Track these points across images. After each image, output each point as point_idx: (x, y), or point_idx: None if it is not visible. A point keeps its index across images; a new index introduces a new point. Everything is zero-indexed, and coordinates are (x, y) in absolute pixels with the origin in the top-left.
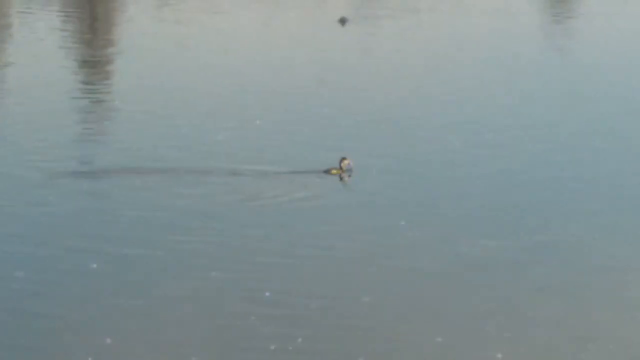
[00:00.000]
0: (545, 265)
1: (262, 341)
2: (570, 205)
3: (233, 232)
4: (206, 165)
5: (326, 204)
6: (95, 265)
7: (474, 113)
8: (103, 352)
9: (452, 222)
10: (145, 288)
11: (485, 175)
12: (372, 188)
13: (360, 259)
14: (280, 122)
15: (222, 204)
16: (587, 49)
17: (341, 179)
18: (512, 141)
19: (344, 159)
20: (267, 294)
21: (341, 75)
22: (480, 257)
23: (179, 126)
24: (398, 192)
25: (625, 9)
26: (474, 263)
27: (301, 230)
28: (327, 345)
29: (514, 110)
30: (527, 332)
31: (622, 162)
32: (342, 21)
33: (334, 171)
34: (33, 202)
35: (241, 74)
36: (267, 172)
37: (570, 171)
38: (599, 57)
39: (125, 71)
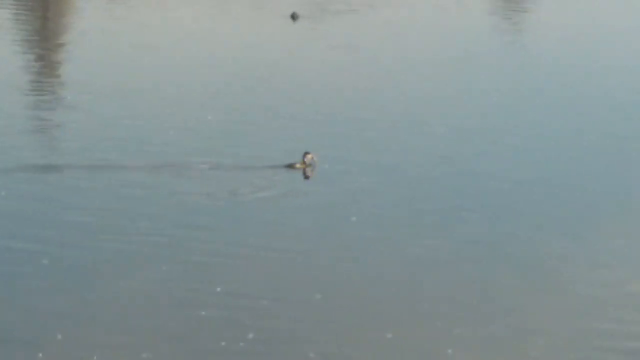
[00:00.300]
0: (490, 262)
1: (213, 338)
2: (516, 205)
3: (184, 229)
4: (159, 162)
5: (280, 199)
6: (45, 262)
7: (423, 109)
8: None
9: (402, 219)
10: (89, 287)
11: (437, 176)
12: (328, 183)
13: (312, 256)
14: (229, 119)
15: (176, 200)
16: (536, 43)
17: (304, 173)
18: (463, 137)
19: (307, 153)
20: (218, 289)
21: (288, 71)
22: (428, 255)
23: (129, 123)
24: (353, 188)
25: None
26: (422, 261)
27: (255, 227)
28: (278, 342)
29: (467, 105)
30: (476, 328)
31: (569, 162)
32: (294, 17)
33: (297, 165)
34: None
35: (188, 70)
36: (225, 167)
37: (521, 172)
38: (545, 51)
39: (74, 68)
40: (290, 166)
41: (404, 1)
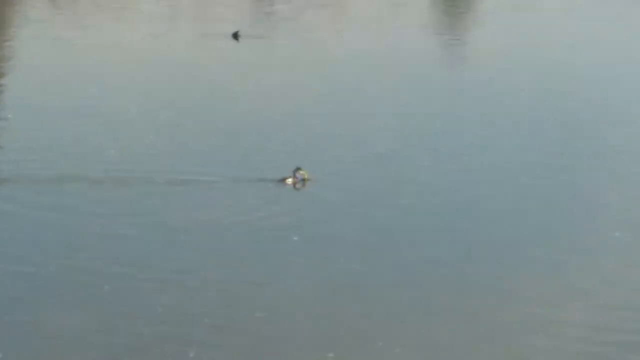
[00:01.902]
0: (429, 282)
1: (155, 357)
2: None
3: (132, 246)
4: (111, 176)
5: (229, 219)
6: None
7: (355, 125)
8: None
9: (342, 240)
10: (31, 304)
11: (382, 193)
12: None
13: (256, 276)
14: (167, 138)
15: (135, 217)
16: (479, 65)
17: (295, 187)
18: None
19: (299, 169)
20: (160, 309)
21: (227, 90)
22: (367, 274)
23: (70, 136)
24: (291, 208)
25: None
26: (362, 280)
27: (203, 246)
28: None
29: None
30: (416, 347)
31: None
32: (236, 36)
33: (288, 181)
34: None
35: (130, 86)
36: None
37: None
38: (489, 73)
39: (16, 90)
40: (282, 181)
41: (343, 22)
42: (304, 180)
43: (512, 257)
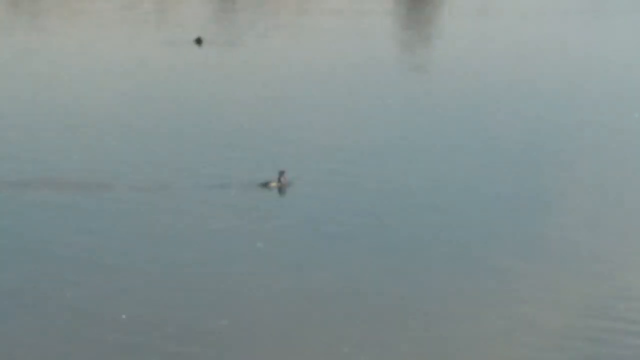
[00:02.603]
0: (388, 289)
1: None
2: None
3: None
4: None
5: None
6: None
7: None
8: None
9: (308, 245)
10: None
11: (346, 200)
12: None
13: (219, 283)
14: (132, 143)
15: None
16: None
17: (280, 191)
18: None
19: (283, 172)
20: (124, 316)
21: (189, 93)
22: (328, 283)
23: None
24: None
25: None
26: (324, 290)
27: (172, 253)
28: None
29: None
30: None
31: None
32: (198, 41)
33: (272, 184)
34: None
35: (94, 92)
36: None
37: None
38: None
39: None
40: (265, 185)
41: (303, 28)
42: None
43: (472, 262)
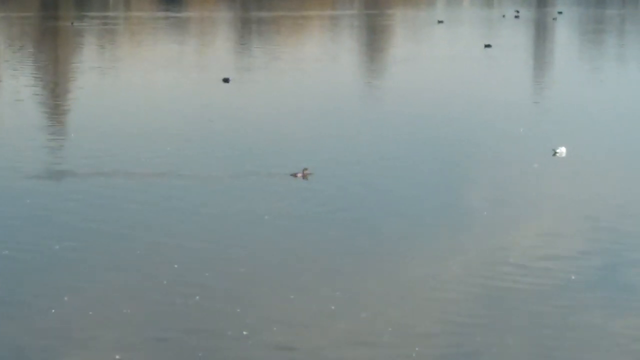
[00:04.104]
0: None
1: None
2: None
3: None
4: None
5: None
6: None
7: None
8: None
9: (324, 211)
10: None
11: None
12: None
13: (263, 237)
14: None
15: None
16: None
17: (303, 179)
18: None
19: (305, 168)
20: (176, 267)
21: (225, 114)
22: (333, 240)
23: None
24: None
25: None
26: (329, 244)
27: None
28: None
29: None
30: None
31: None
32: (226, 80)
33: (298, 174)
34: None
35: (158, 113)
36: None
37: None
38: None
39: (80, 106)
40: (294, 175)
41: (318, 69)
42: (305, 175)
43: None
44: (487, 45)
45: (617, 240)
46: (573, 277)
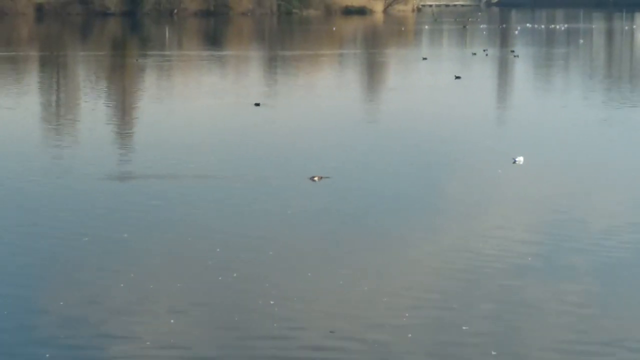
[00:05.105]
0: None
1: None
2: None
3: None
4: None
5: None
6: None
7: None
8: None
9: (338, 206)
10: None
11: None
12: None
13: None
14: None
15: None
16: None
17: (321, 182)
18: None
19: (321, 177)
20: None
21: (257, 129)
22: (348, 229)
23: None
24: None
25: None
26: (343, 232)
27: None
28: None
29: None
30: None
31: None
32: (257, 104)
33: (316, 178)
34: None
35: (206, 132)
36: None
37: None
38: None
39: (148, 124)
40: (312, 178)
41: (343, 96)
42: (320, 178)
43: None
44: (457, 77)
45: (563, 231)
46: (529, 259)
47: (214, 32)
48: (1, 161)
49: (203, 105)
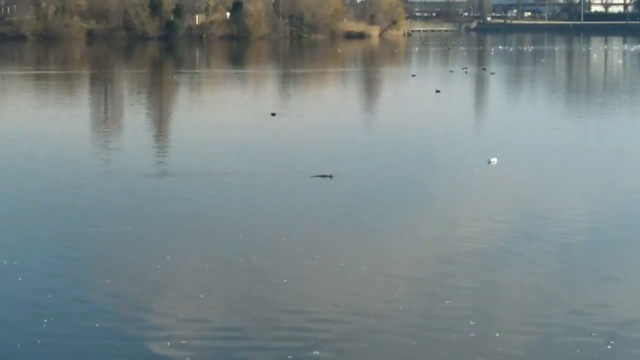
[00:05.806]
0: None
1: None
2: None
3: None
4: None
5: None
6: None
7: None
8: None
9: (344, 200)
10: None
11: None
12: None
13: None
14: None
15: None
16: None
17: (329, 179)
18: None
19: (331, 175)
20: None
21: (275, 138)
22: (354, 219)
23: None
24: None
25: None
26: (347, 219)
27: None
28: None
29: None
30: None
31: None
32: (273, 114)
33: (325, 176)
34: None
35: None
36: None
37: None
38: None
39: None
40: (324, 176)
41: (358, 107)
42: (330, 176)
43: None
44: (437, 91)
45: (530, 221)
46: (501, 244)
47: (237, 53)
48: (59, 162)
49: (228, 115)
